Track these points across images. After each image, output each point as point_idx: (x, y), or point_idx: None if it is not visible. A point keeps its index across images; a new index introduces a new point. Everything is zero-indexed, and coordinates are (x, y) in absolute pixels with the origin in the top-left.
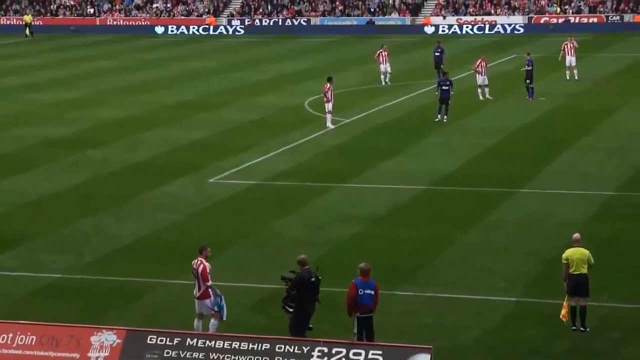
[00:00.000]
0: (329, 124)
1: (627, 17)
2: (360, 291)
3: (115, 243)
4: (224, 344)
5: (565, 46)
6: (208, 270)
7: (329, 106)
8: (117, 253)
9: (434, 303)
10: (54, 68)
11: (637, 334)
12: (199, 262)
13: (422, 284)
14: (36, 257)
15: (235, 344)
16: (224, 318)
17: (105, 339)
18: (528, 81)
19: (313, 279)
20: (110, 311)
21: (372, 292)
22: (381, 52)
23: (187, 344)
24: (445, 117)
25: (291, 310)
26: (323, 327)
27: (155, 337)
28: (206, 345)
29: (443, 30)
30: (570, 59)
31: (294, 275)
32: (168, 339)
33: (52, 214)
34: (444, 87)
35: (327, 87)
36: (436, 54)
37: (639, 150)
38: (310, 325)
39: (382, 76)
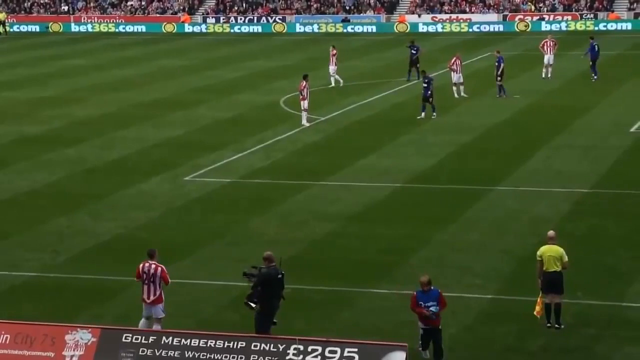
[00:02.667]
0: (304, 121)
1: (601, 15)
2: (421, 304)
3: (90, 241)
4: (199, 342)
5: (545, 44)
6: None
7: (304, 104)
8: (92, 251)
9: (409, 300)
10: (28, 66)
11: (611, 331)
12: (154, 265)
13: (398, 282)
14: (11, 256)
15: (211, 342)
16: None
17: (80, 338)
18: (498, 79)
19: (279, 276)
20: (85, 310)
21: (436, 304)
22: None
23: (162, 342)
24: (433, 113)
25: (254, 306)
26: (299, 324)
27: (130, 335)
28: (181, 343)
29: (418, 28)
30: (549, 57)
31: (256, 271)
32: (143, 337)
33: (27, 212)
34: (423, 85)
35: (303, 84)
36: (412, 52)
37: (613, 148)
38: (275, 321)
39: (331, 78)
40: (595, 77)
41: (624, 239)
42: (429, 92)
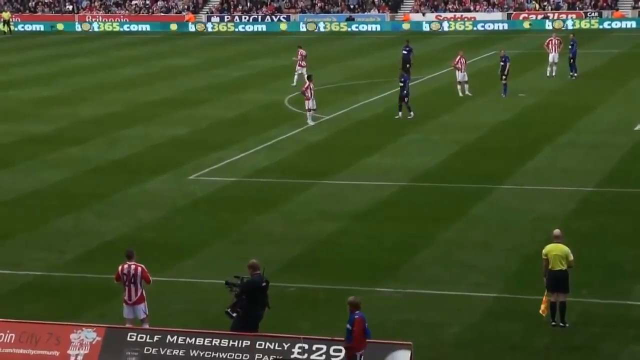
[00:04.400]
0: (309, 121)
1: (606, 14)
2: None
3: (95, 241)
4: (204, 341)
5: (550, 42)
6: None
7: (308, 104)
8: (97, 251)
9: (414, 299)
10: (33, 65)
11: (615, 329)
12: (133, 265)
13: (403, 280)
14: (16, 255)
15: (216, 340)
16: None
17: (85, 337)
18: (504, 78)
19: (264, 284)
20: (90, 309)
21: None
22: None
23: (167, 341)
24: (410, 114)
25: (234, 315)
26: (304, 324)
27: (135, 334)
28: (186, 342)
29: (422, 27)
30: (554, 56)
31: (239, 280)
32: (148, 336)
33: (32, 212)
34: (400, 84)
35: (307, 85)
36: (404, 52)
37: (618, 146)
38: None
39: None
40: (575, 74)
41: (629, 237)
42: (405, 91)
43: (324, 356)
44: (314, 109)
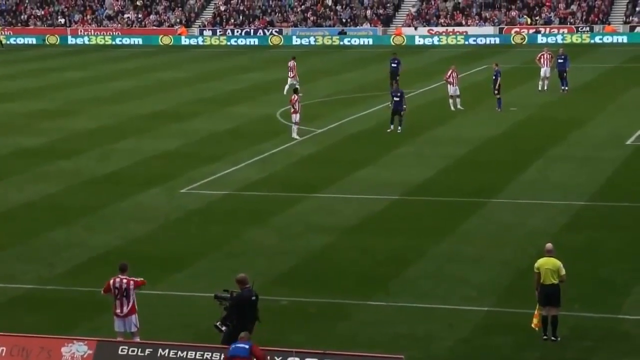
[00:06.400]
0: (294, 134)
1: (597, 28)
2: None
3: (86, 254)
4: (195, 354)
5: (542, 56)
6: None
7: (295, 117)
8: (88, 264)
9: (406, 313)
10: (25, 78)
11: (607, 343)
12: (125, 280)
13: (395, 294)
14: (7, 268)
15: (208, 354)
16: None
17: (76, 350)
18: (496, 92)
19: (253, 298)
20: (81, 322)
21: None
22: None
23: (158, 354)
24: (399, 128)
25: (223, 329)
26: (295, 337)
27: (126, 347)
28: (178, 356)
29: (414, 41)
30: (545, 70)
31: (228, 294)
32: (139, 349)
33: (23, 225)
34: (395, 99)
35: (295, 98)
36: (393, 65)
37: (610, 160)
38: None
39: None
40: (566, 89)
41: (621, 251)
42: (404, 106)
43: None
44: (297, 122)
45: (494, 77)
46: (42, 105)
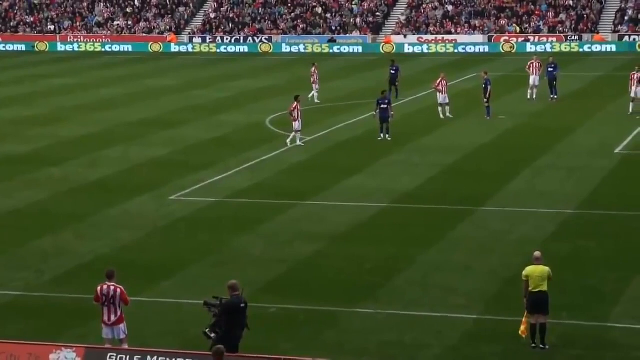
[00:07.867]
0: (291, 141)
1: (586, 37)
2: None
3: (74, 261)
4: None
5: (531, 65)
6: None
7: (296, 125)
8: (76, 271)
9: (394, 321)
10: (13, 85)
11: (595, 352)
12: (112, 287)
13: (383, 302)
14: None
15: None
16: None
17: (65, 357)
18: (485, 100)
19: (242, 305)
20: (69, 329)
21: None
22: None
23: None
24: (387, 135)
25: (212, 336)
26: (284, 345)
27: (115, 354)
28: None
29: (404, 49)
30: (535, 78)
31: (217, 301)
32: (127, 356)
33: (11, 232)
34: (382, 106)
35: (294, 105)
36: (392, 72)
37: (597, 169)
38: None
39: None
40: (555, 97)
41: (609, 260)
42: (391, 113)
43: None
44: (299, 130)
45: (483, 86)
46: (30, 112)
